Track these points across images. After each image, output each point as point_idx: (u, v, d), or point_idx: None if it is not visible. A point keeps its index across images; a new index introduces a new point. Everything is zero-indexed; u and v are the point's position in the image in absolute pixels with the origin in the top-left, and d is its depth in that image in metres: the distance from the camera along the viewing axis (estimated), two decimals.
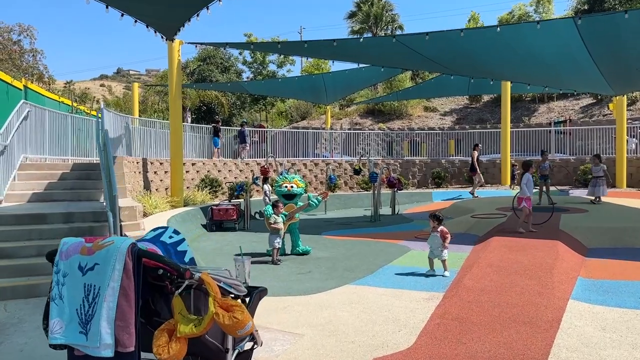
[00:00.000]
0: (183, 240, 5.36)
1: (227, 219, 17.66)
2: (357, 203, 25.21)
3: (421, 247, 13.29)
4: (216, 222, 17.70)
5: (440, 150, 32.18)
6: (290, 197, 13.07)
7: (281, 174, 13.88)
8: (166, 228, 5.41)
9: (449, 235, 10.64)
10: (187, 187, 22.62)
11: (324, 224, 18.65)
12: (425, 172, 29.87)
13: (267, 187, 19.86)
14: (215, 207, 17.82)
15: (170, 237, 5.34)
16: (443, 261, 10.62)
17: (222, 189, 23.18)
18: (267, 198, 19.37)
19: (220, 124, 28.69)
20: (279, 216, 12.33)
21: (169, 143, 20.63)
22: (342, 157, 30.74)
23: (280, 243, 12.31)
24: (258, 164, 26.45)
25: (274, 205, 12.45)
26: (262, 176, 20.56)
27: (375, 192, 19.84)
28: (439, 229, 10.66)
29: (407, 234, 15.64)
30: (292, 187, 13.05)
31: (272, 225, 12.21)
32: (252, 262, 11.18)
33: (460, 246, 13.09)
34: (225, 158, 27.03)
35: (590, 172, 20.63)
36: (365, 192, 26.87)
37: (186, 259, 5.27)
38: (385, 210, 21.76)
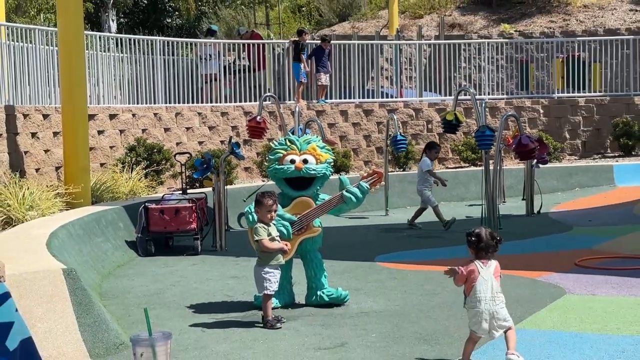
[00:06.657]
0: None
1: (177, 230, 9.56)
2: (453, 191, 14.25)
3: (592, 285, 7.17)
4: (156, 235, 9.58)
5: (631, 78, 17.99)
6: (301, 183, 6.79)
7: (286, 137, 7.04)
8: None
9: None
10: (102, 165, 13.07)
11: (379, 238, 10.70)
12: (599, 124, 17.53)
13: None
14: (153, 207, 9.54)
15: None
16: None
17: (169, 166, 13.53)
18: None
19: (305, 37, 16.78)
20: (270, 225, 6.28)
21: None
22: (420, 96, 17.88)
23: (278, 284, 6.31)
24: (246, 113, 15.73)
25: (258, 203, 6.28)
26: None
27: (491, 168, 10.60)
28: None
29: (558, 257, 8.68)
30: (304, 163, 6.75)
31: (266, 245, 6.17)
32: (228, 322, 6.26)
33: None
34: (180, 104, 15.60)
35: None
36: (472, 169, 15.61)
37: (9, 345, 3.13)
38: (514, 204, 13.10)
